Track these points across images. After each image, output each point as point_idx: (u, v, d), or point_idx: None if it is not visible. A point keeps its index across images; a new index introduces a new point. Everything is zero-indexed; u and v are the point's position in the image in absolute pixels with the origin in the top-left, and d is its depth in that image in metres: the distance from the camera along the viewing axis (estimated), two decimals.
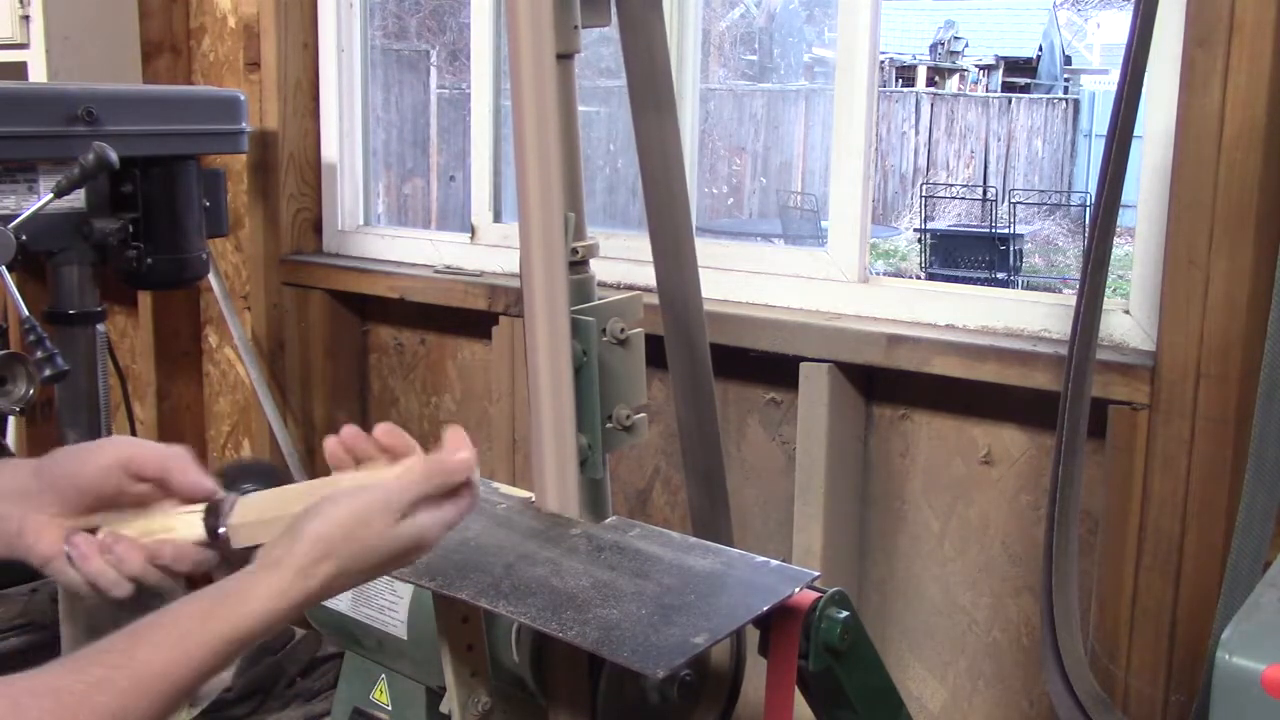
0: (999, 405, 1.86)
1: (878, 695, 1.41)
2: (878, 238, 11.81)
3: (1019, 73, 18.65)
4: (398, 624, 1.54)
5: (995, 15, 18.90)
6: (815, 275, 2.06)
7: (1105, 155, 1.50)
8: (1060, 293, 3.83)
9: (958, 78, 18.40)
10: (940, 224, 12.27)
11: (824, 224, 4.46)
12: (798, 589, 1.26)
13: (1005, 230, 10.87)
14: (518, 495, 1.51)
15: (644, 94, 1.61)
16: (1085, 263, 1.56)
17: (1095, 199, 1.60)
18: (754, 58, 13.46)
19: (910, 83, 17.12)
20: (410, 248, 2.64)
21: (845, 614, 1.32)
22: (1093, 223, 1.59)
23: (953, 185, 14.36)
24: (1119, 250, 2.69)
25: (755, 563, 1.32)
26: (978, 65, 18.65)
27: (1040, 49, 18.83)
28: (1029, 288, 9.48)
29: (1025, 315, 1.86)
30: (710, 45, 11.58)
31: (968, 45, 18.26)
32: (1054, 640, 1.60)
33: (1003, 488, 1.89)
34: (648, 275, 1.77)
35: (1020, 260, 10.53)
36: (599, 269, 1.53)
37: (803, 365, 1.94)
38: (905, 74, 17.47)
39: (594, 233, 1.52)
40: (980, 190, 13.66)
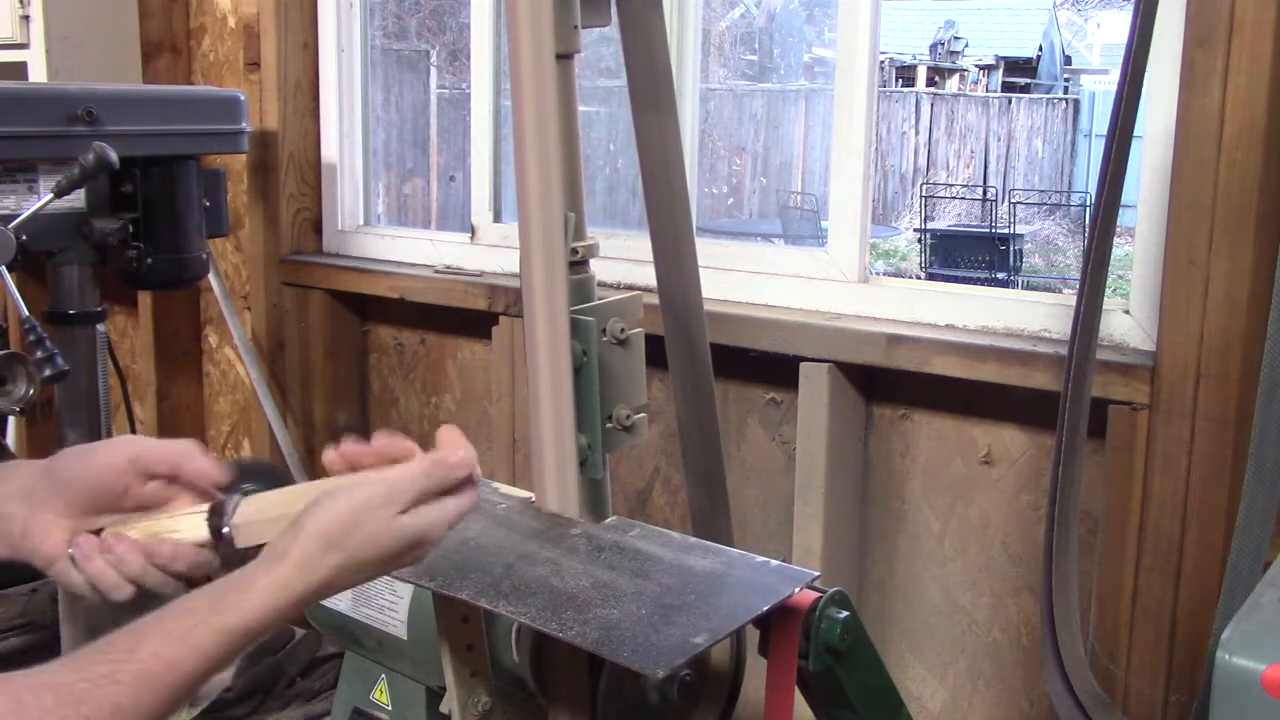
0: (999, 405, 1.86)
1: (878, 695, 1.40)
2: (878, 238, 11.81)
3: (1019, 73, 18.65)
4: (398, 624, 1.54)
5: (995, 15, 18.90)
6: (815, 275, 2.06)
7: (1105, 155, 1.50)
8: (1060, 293, 3.83)
9: (958, 78, 18.40)
10: (940, 224, 12.28)
11: (824, 224, 4.46)
12: (798, 589, 1.26)
13: (1005, 230, 10.88)
14: (518, 495, 1.51)
15: (644, 94, 1.61)
16: (1085, 263, 1.56)
17: (1095, 199, 1.60)
18: (754, 58, 13.46)
19: (910, 83, 17.12)
20: (410, 248, 2.64)
21: (845, 614, 1.32)
22: (1093, 223, 1.59)
23: (953, 185, 14.36)
24: (1119, 250, 2.69)
25: (755, 563, 1.32)
26: (978, 65, 18.65)
27: (1040, 49, 18.83)
28: (1029, 288, 9.49)
29: (1025, 315, 1.86)
30: (710, 45, 11.58)
31: (968, 45, 18.26)
32: (1054, 640, 1.60)
33: (1003, 488, 1.89)
34: (648, 275, 1.77)
35: (1020, 260, 10.53)
36: (599, 269, 1.53)
37: (803, 365, 1.94)
38: (905, 74, 17.47)
39: (594, 233, 1.51)
40: (980, 190, 13.66)
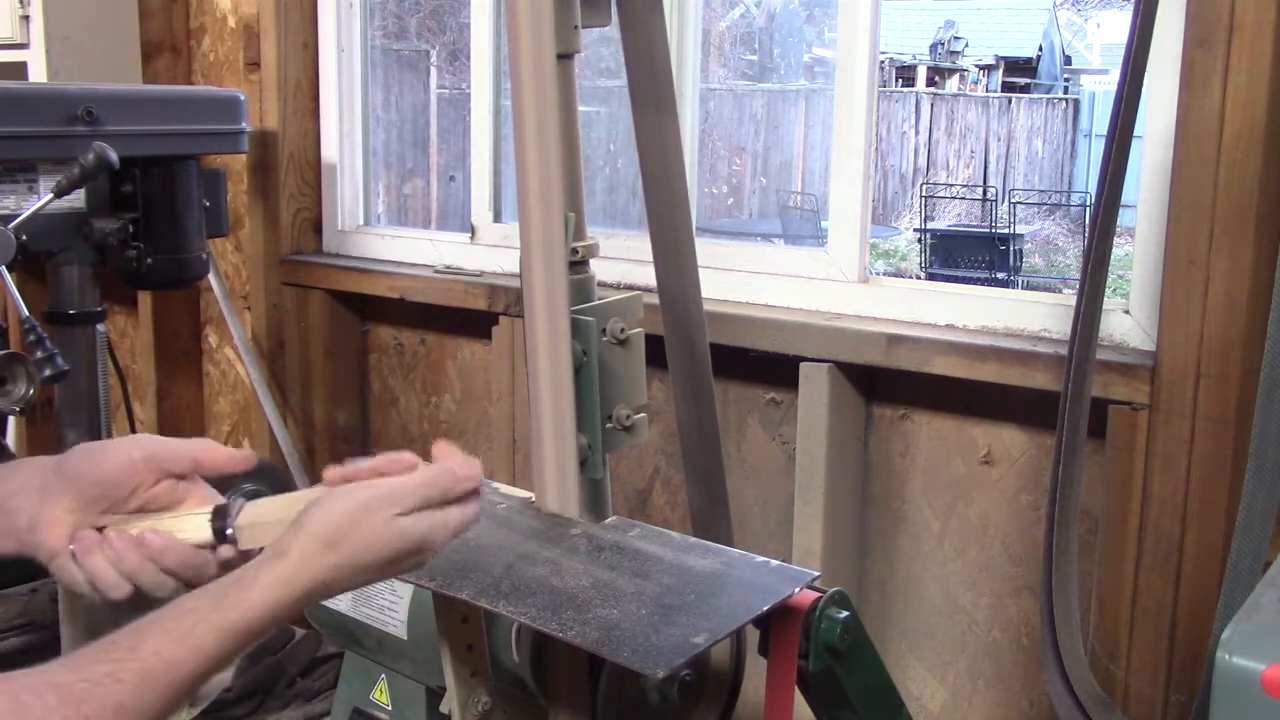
0: (999, 405, 1.86)
1: (878, 695, 1.40)
2: (878, 238, 11.81)
3: (1019, 73, 18.65)
4: (398, 624, 1.54)
5: (995, 15, 18.90)
6: (815, 275, 2.06)
7: (1105, 155, 1.50)
8: (1060, 293, 3.83)
9: (958, 78, 18.40)
10: (940, 224, 12.28)
11: (824, 224, 4.46)
12: (798, 589, 1.26)
13: (1005, 230, 10.87)
14: (518, 495, 1.51)
15: (644, 94, 1.61)
16: (1085, 263, 1.56)
17: (1095, 199, 1.60)
18: (754, 58, 13.46)
19: (910, 83, 17.12)
20: (410, 248, 2.64)
21: (845, 614, 1.32)
22: (1093, 223, 1.59)
23: (953, 185, 14.36)
24: (1119, 250, 2.69)
25: (755, 563, 1.32)
26: (978, 65, 18.65)
27: (1040, 49, 18.83)
28: (1029, 288, 9.48)
29: (1025, 315, 1.86)
30: (710, 45, 11.58)
31: (968, 45, 18.26)
32: (1054, 640, 1.60)
33: (1003, 488, 1.89)
34: (648, 275, 1.77)
35: (1020, 260, 10.53)
36: (599, 269, 1.53)
37: (803, 365, 1.94)
38: (905, 74, 17.47)
39: (594, 233, 1.51)
40: (980, 190, 13.66)
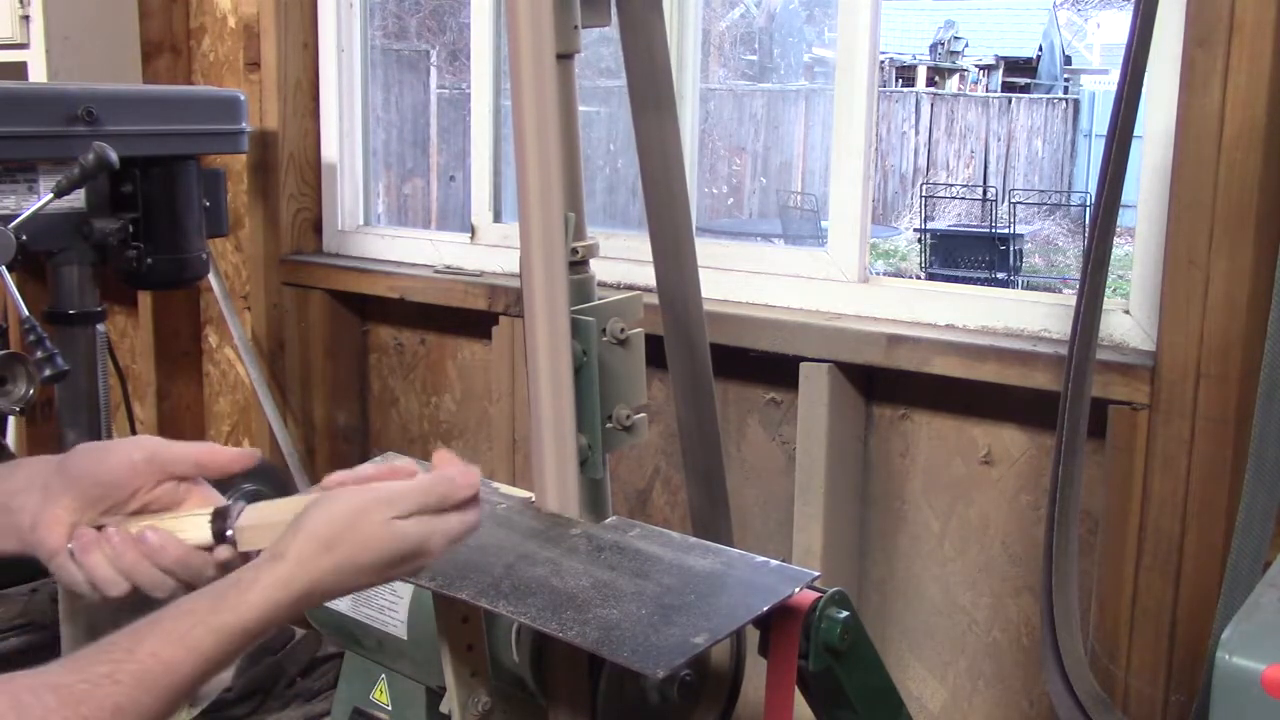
0: (999, 405, 1.86)
1: (878, 695, 1.40)
2: (878, 238, 11.81)
3: (1019, 73, 18.65)
4: (398, 624, 1.54)
5: (995, 15, 18.90)
6: (815, 275, 2.06)
7: (1105, 155, 1.50)
8: (1060, 293, 3.83)
9: (958, 78, 18.40)
10: (940, 224, 12.28)
11: (824, 224, 4.46)
12: (798, 589, 1.26)
13: (1005, 230, 10.88)
14: (518, 495, 1.51)
15: (644, 94, 1.61)
16: (1085, 263, 1.56)
17: (1095, 199, 1.60)
18: (754, 58, 13.46)
19: (910, 83, 17.13)
20: (410, 248, 2.64)
21: (845, 614, 1.32)
22: (1093, 223, 1.58)
23: (953, 185, 14.36)
24: (1119, 250, 2.69)
25: (755, 563, 1.32)
26: (978, 65, 18.65)
27: (1040, 49, 18.83)
28: (1029, 288, 9.49)
29: (1025, 315, 1.86)
30: (710, 45, 11.58)
31: (968, 45, 18.26)
32: (1054, 640, 1.60)
33: (1003, 488, 1.89)
34: (648, 275, 1.77)
35: (1020, 260, 10.54)
36: (599, 269, 1.53)
37: (803, 365, 1.94)
38: (905, 74, 17.47)
39: (594, 233, 1.51)
40: (980, 190, 13.67)
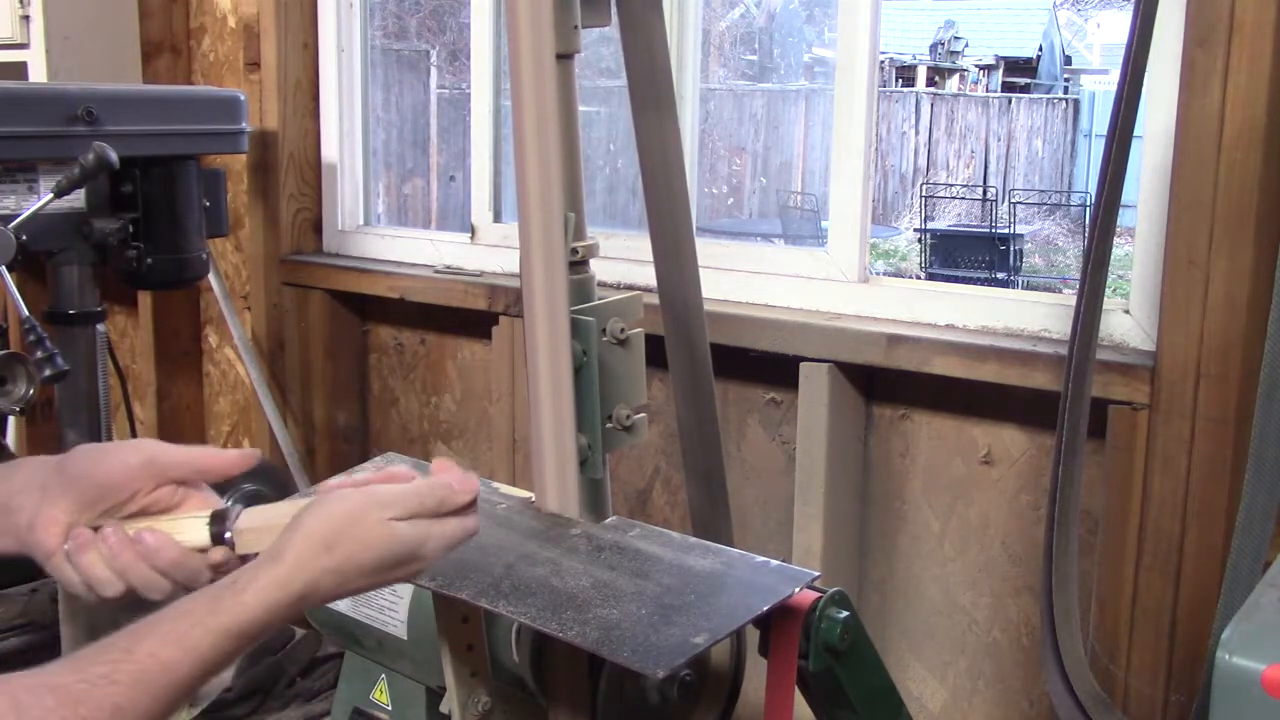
0: (999, 405, 1.86)
1: (878, 695, 1.40)
2: (878, 238, 11.81)
3: (1019, 73, 18.65)
4: (398, 624, 1.54)
5: (995, 15, 18.90)
6: (815, 275, 2.06)
7: (1105, 155, 1.50)
8: (1060, 293, 3.83)
9: (958, 78, 18.40)
10: (940, 224, 12.28)
11: (824, 224, 4.46)
12: (798, 589, 1.26)
13: (1005, 230, 10.88)
14: (518, 495, 1.51)
15: (644, 94, 1.61)
16: (1085, 263, 1.56)
17: (1095, 199, 1.60)
18: (754, 58, 13.46)
19: (910, 83, 17.12)
20: (410, 248, 2.64)
21: (845, 614, 1.32)
22: (1093, 223, 1.58)
23: (953, 185, 14.36)
24: (1119, 250, 2.69)
25: (755, 563, 1.32)
26: (978, 65, 18.65)
27: (1040, 49, 18.83)
28: (1029, 288, 9.49)
29: (1025, 315, 1.86)
30: (710, 45, 11.58)
31: (968, 45, 18.26)
32: (1054, 640, 1.60)
33: (1003, 488, 1.89)
34: (648, 275, 1.77)
35: (1020, 260, 10.54)
36: (599, 269, 1.53)
37: (803, 365, 1.94)
38: (905, 74, 17.47)
39: (594, 233, 1.51)
40: (980, 190, 13.66)
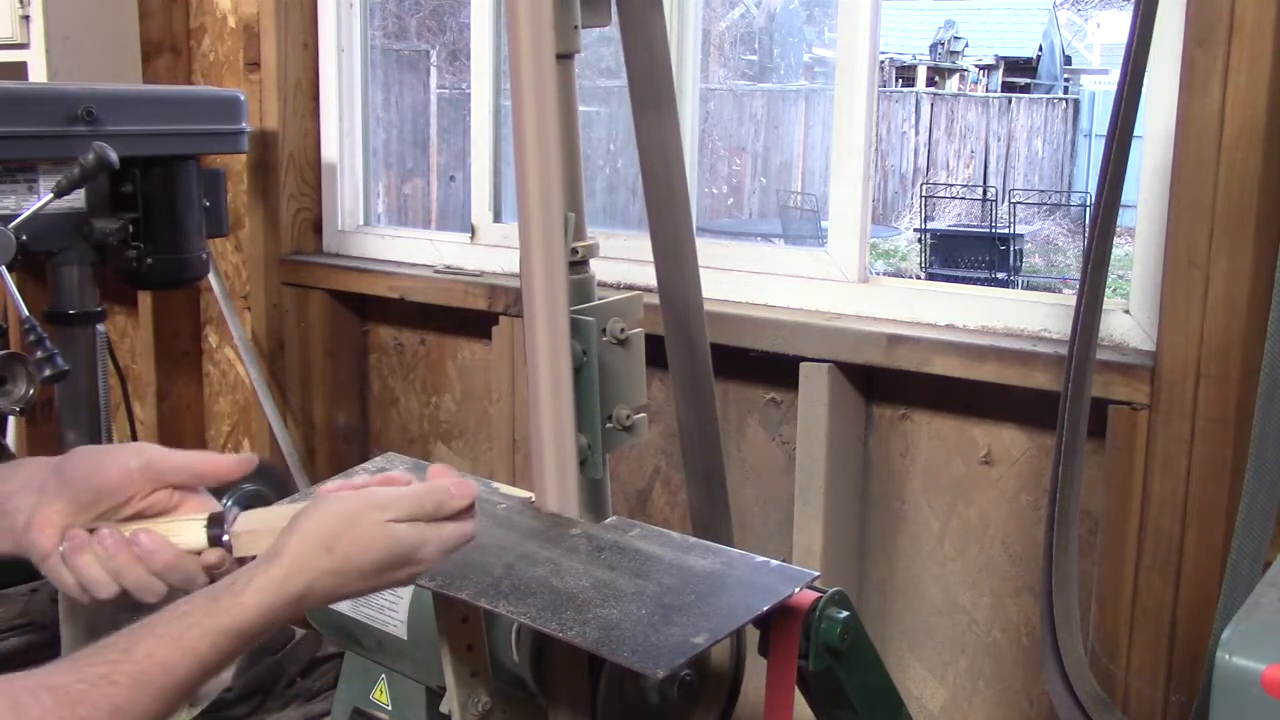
0: (999, 405, 1.86)
1: (878, 695, 1.40)
2: (878, 238, 11.81)
3: (1019, 73, 18.65)
4: (398, 624, 1.54)
5: (995, 15, 18.89)
6: (815, 275, 2.06)
7: (1105, 155, 1.50)
8: (1060, 293, 3.83)
9: (958, 78, 18.39)
10: (940, 224, 12.27)
11: (824, 224, 4.46)
12: (798, 589, 1.26)
13: (1005, 230, 10.87)
14: (518, 495, 1.51)
15: (644, 94, 1.61)
16: (1085, 263, 1.56)
17: (1095, 199, 1.60)
18: (754, 58, 13.45)
19: (910, 83, 17.12)
20: (410, 248, 2.64)
21: (845, 614, 1.32)
22: (1093, 223, 1.58)
23: (953, 185, 14.36)
24: (1119, 250, 2.69)
25: (755, 563, 1.32)
26: (978, 65, 18.65)
27: (1040, 49, 18.83)
28: (1029, 288, 9.48)
29: (1025, 315, 1.86)
30: (710, 45, 11.57)
31: (968, 45, 18.26)
32: (1054, 640, 1.60)
33: (1003, 488, 1.89)
34: (648, 275, 1.77)
35: (1020, 260, 10.53)
36: (599, 269, 1.53)
37: (803, 365, 1.94)
38: (905, 74, 17.47)
39: (594, 233, 1.51)
40: (980, 190, 13.66)
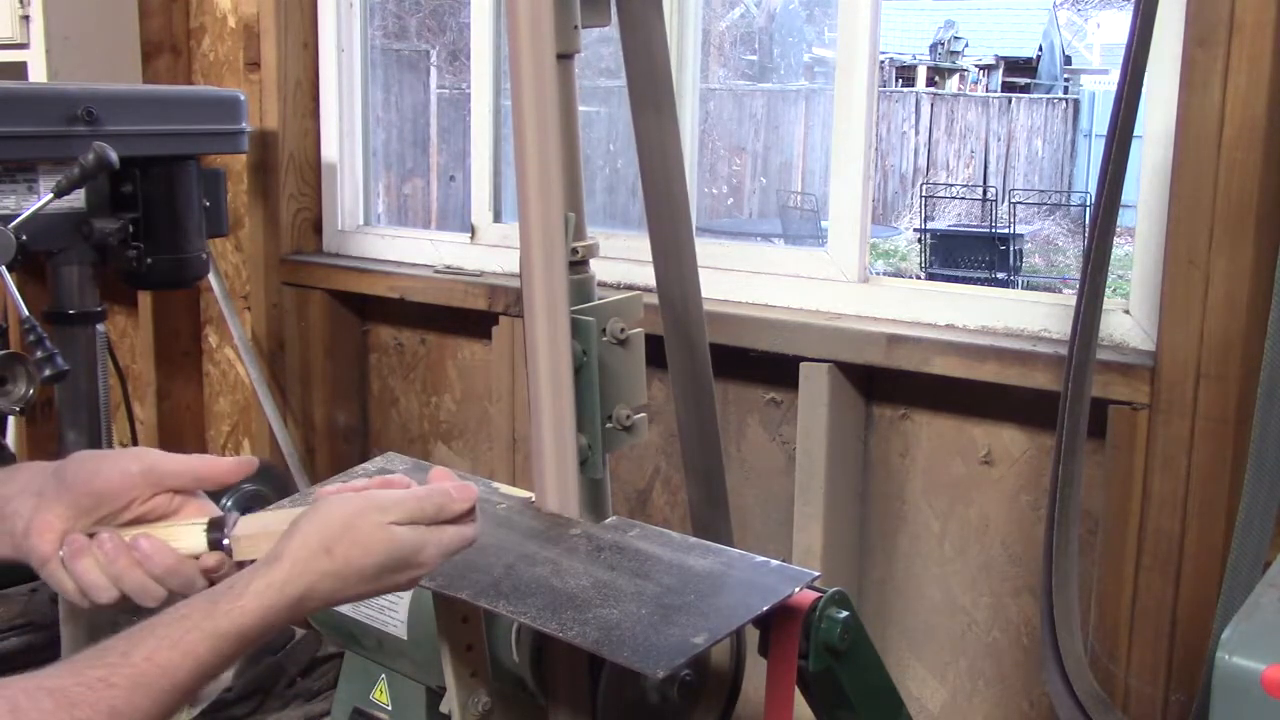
0: (999, 405, 1.86)
1: (878, 695, 1.40)
2: (878, 238, 11.80)
3: (1019, 73, 18.64)
4: (398, 624, 1.54)
5: (995, 15, 18.89)
6: (815, 275, 2.06)
7: (1105, 155, 1.50)
8: (1060, 293, 3.83)
9: (958, 78, 18.39)
10: (940, 224, 12.27)
11: (824, 224, 4.45)
12: (798, 589, 1.26)
13: (1005, 230, 10.87)
14: (518, 495, 1.51)
15: (644, 94, 1.61)
16: (1085, 263, 1.56)
17: (1095, 199, 1.60)
18: (754, 58, 13.45)
19: (910, 83, 17.12)
20: (410, 248, 2.64)
21: (845, 614, 1.32)
22: (1093, 223, 1.58)
23: (953, 185, 14.36)
24: (1119, 250, 2.69)
25: (755, 563, 1.32)
26: (978, 65, 18.64)
27: (1040, 49, 18.82)
28: (1029, 288, 9.48)
29: (1025, 315, 1.86)
30: (710, 45, 11.56)
31: (968, 45, 18.25)
32: (1054, 640, 1.60)
33: (1003, 488, 1.89)
34: (648, 275, 1.77)
35: (1020, 260, 10.53)
36: (599, 269, 1.53)
37: (803, 365, 1.94)
38: (905, 74, 17.46)
39: (594, 233, 1.51)
40: (980, 190, 13.66)
